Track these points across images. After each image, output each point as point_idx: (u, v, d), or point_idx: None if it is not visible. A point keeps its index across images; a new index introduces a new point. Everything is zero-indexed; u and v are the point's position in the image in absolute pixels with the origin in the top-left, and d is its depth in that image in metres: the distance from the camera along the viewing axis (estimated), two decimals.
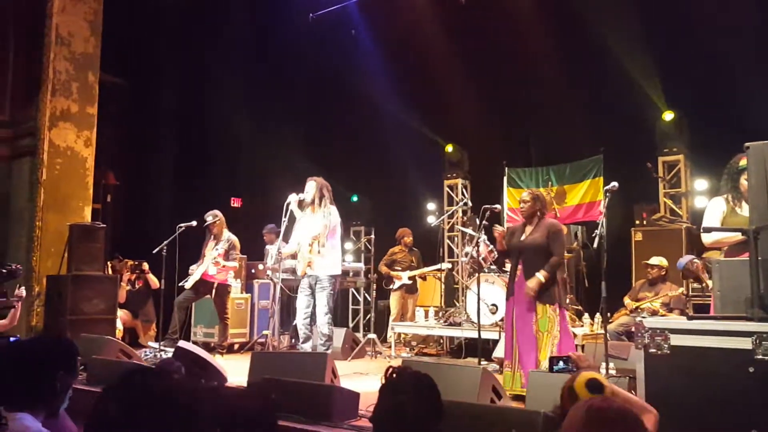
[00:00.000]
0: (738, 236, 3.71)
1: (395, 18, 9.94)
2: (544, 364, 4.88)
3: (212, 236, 7.76)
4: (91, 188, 8.13)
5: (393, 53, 10.03)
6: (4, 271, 5.85)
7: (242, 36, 10.87)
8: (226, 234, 7.76)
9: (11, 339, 4.49)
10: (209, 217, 7.72)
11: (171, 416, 1.31)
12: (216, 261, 7.55)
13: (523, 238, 5.28)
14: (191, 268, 7.66)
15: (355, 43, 10.32)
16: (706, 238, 4.13)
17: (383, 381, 2.10)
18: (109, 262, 8.60)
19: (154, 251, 7.16)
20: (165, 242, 7.04)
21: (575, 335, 6.40)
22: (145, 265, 8.73)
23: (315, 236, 6.19)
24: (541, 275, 5.06)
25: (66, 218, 7.74)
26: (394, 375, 2.09)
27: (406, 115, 10.02)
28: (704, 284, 4.70)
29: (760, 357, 2.99)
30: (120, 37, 9.03)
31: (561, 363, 2.67)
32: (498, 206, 5.46)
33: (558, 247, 5.19)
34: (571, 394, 2.30)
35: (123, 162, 10.33)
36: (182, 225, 7.20)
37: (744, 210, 3.95)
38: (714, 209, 4.15)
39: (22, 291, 5.80)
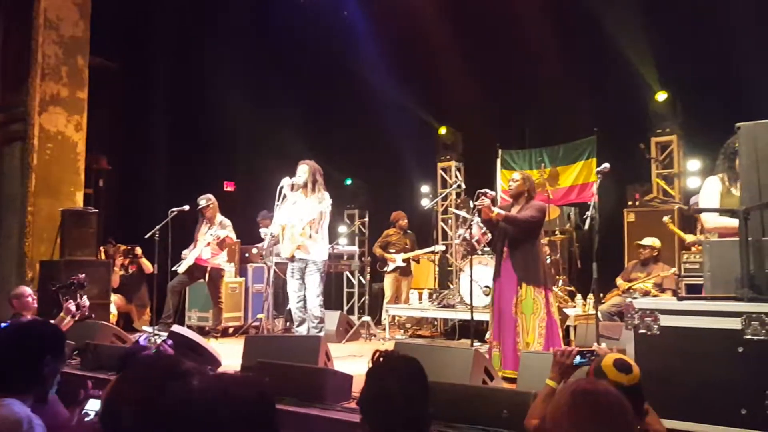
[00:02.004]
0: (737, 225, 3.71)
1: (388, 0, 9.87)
2: (533, 346, 4.92)
3: (205, 220, 7.74)
4: (82, 173, 8.09)
5: (386, 35, 9.96)
6: (75, 282, 5.69)
7: (236, 19, 10.78)
8: (219, 218, 7.74)
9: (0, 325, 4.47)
10: (202, 201, 7.70)
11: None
12: (213, 243, 7.53)
13: None
14: (183, 252, 7.65)
15: (348, 25, 10.25)
16: (711, 222, 4.10)
17: (370, 365, 2.11)
18: (102, 247, 8.58)
19: (147, 236, 7.15)
20: (158, 227, 7.03)
21: (567, 316, 6.44)
22: (138, 250, 8.72)
23: (311, 221, 6.17)
24: (497, 210, 5.10)
25: (58, 203, 7.71)
26: (381, 359, 2.09)
27: (400, 97, 9.97)
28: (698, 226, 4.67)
29: (749, 337, 3.01)
30: (111, 19, 8.94)
31: (579, 357, 2.68)
32: (493, 192, 5.45)
33: (529, 211, 5.16)
34: (599, 373, 2.34)
35: (115, 146, 10.27)
36: (175, 209, 7.17)
37: (739, 191, 3.94)
38: (710, 190, 4.11)
39: (86, 300, 5.62)
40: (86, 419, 2.70)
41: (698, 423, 3.06)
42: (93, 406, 2.83)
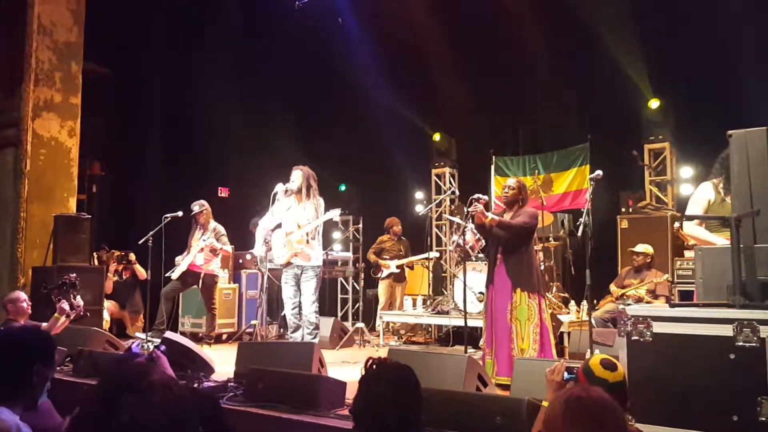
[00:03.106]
0: (715, 241, 3.75)
1: (383, 6, 9.89)
2: (528, 353, 4.92)
3: (199, 226, 7.72)
4: (75, 179, 8.07)
5: (381, 41, 9.97)
6: (67, 281, 5.60)
7: (230, 24, 10.78)
8: (213, 224, 7.72)
9: None
10: (195, 207, 7.69)
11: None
12: (207, 250, 7.52)
13: None
14: (177, 259, 7.62)
15: (342, 31, 10.27)
16: (687, 229, 4.12)
17: (363, 372, 2.11)
18: (95, 253, 8.56)
19: (140, 242, 7.12)
20: (151, 233, 7.01)
21: (561, 323, 6.45)
22: (132, 256, 8.70)
23: (310, 228, 6.18)
24: (491, 216, 5.11)
25: (51, 209, 7.68)
26: (374, 366, 2.09)
27: (394, 103, 9.99)
28: None
29: (741, 344, 3.02)
30: (105, 25, 8.93)
31: (566, 373, 2.75)
32: (486, 197, 5.46)
33: (522, 218, 5.18)
34: (587, 371, 2.52)
35: (109, 152, 10.25)
36: (168, 215, 7.16)
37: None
38: (700, 197, 4.13)
39: (79, 300, 5.48)
40: None
41: (690, 429, 3.07)
42: None
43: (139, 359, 3.26)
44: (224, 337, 8.39)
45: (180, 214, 7.34)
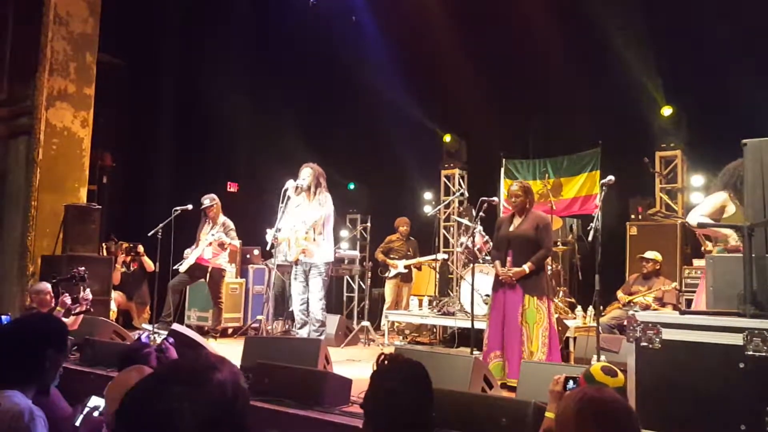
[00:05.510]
0: (727, 231, 3.73)
1: (397, 6, 9.89)
2: (537, 355, 4.92)
3: (208, 220, 7.74)
4: (87, 169, 8.10)
5: (393, 41, 9.99)
6: (76, 275, 5.60)
7: (243, 20, 10.81)
8: (222, 218, 7.73)
9: (2, 318, 4.47)
10: (206, 200, 7.70)
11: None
12: (215, 244, 7.53)
13: (511, 229, 5.31)
14: (186, 251, 7.65)
15: (356, 30, 10.28)
16: (692, 221, 4.14)
17: (375, 368, 2.11)
18: (104, 244, 8.59)
19: (149, 234, 7.14)
20: (160, 225, 7.02)
21: (567, 327, 6.43)
22: (141, 248, 8.73)
23: (313, 224, 6.18)
24: (526, 267, 5.10)
25: (62, 199, 7.71)
26: (386, 362, 2.10)
27: (405, 103, 9.99)
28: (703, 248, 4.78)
29: (751, 353, 3.00)
30: (120, 17, 8.97)
31: (571, 382, 2.75)
32: (495, 198, 5.45)
33: (547, 241, 5.24)
34: (588, 377, 2.58)
35: (120, 144, 10.29)
36: (178, 208, 7.17)
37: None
38: (714, 202, 4.14)
39: (88, 293, 5.45)
40: (95, 414, 2.70)
41: None
42: (94, 402, 2.83)
43: (146, 350, 3.28)
44: (230, 331, 8.41)
45: (190, 207, 7.36)
